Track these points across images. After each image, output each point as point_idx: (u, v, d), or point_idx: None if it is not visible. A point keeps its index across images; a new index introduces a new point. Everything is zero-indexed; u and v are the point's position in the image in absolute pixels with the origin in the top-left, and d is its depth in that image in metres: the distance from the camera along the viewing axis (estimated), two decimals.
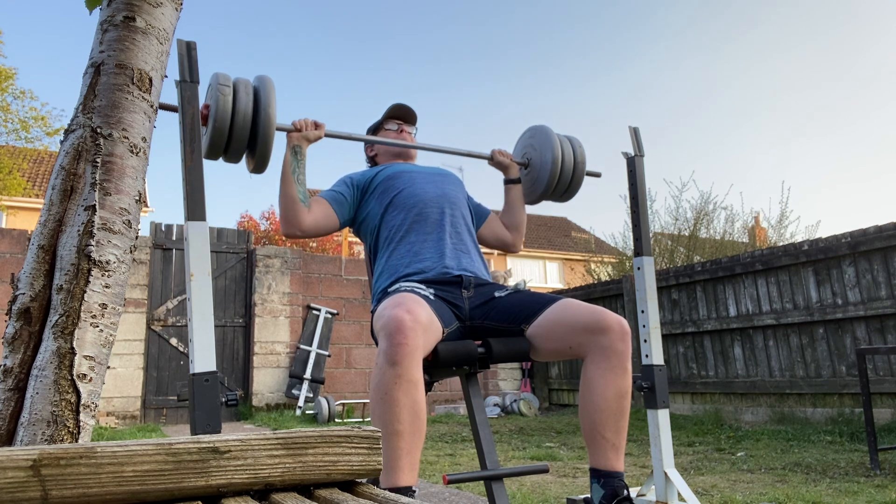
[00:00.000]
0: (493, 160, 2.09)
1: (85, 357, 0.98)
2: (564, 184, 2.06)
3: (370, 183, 1.89)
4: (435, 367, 1.53)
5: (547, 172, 2.02)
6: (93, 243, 1.02)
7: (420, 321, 1.38)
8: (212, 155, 1.63)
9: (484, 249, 2.04)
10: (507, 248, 2.11)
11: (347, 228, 1.99)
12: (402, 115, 2.06)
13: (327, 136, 1.84)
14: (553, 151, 2.00)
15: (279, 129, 1.72)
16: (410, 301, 1.43)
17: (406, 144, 1.98)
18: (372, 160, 2.11)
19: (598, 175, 2.16)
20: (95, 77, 1.11)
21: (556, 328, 1.58)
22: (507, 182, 2.10)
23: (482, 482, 2.16)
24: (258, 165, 1.67)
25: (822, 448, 3.86)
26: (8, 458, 0.51)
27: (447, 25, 41.79)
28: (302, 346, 7.07)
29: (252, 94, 1.61)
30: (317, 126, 1.80)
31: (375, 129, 2.09)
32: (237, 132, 1.58)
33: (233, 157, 1.65)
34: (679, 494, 1.73)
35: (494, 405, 7.10)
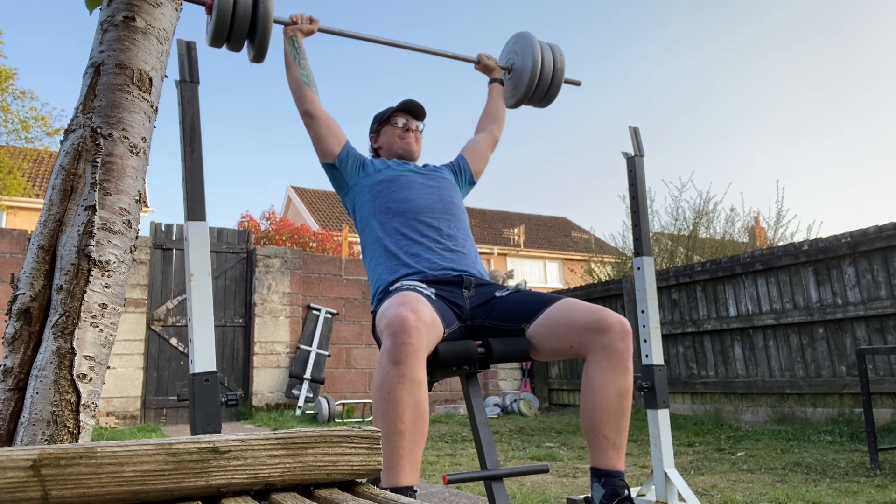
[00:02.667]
0: (480, 63, 2.27)
1: (85, 357, 0.98)
2: (543, 88, 2.20)
3: (369, 176, 1.91)
4: (435, 366, 1.53)
5: (528, 76, 2.16)
6: (93, 243, 1.02)
7: (424, 320, 1.38)
8: (216, 42, 1.79)
9: (482, 250, 2.05)
10: (494, 143, 2.21)
11: (347, 228, 2.01)
12: (411, 109, 2.06)
13: (321, 31, 2.00)
14: (534, 56, 2.15)
15: (276, 21, 1.88)
16: (414, 300, 1.43)
17: (398, 43, 2.11)
18: (375, 152, 2.12)
19: (577, 84, 2.32)
20: (95, 77, 1.11)
21: (556, 328, 1.57)
22: (491, 81, 2.28)
23: (482, 482, 2.16)
24: (258, 54, 1.84)
25: (822, 448, 3.86)
26: (8, 458, 0.51)
27: (446, 26, 41.79)
28: (302, 346, 7.07)
29: None
30: (311, 20, 1.97)
31: (383, 120, 2.09)
32: (238, 21, 1.75)
33: (234, 45, 1.81)
34: (679, 494, 1.73)
35: (494, 405, 7.09)
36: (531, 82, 2.15)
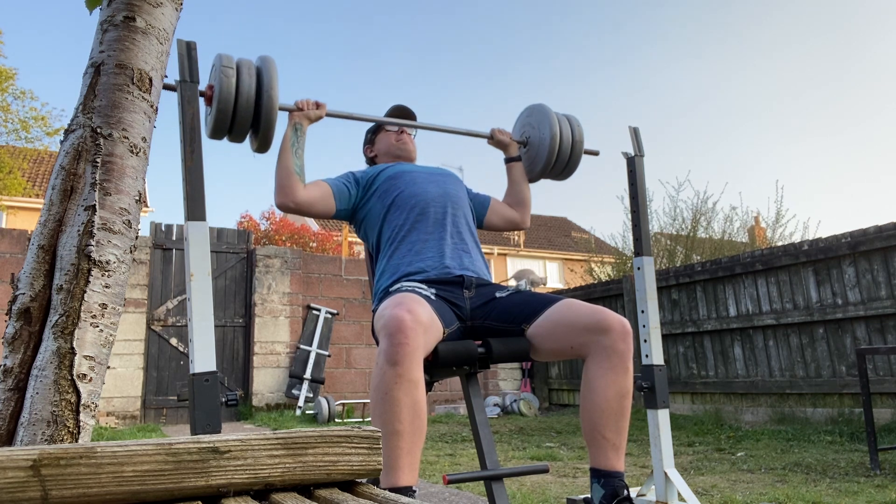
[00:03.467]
0: (493, 139, 2.13)
1: (85, 357, 0.98)
2: (563, 161, 2.08)
3: (372, 182, 1.89)
4: (435, 366, 1.53)
5: (545, 150, 2.04)
6: (93, 243, 1.02)
7: (421, 321, 1.38)
8: (216, 135, 1.66)
9: (483, 249, 2.04)
10: (516, 226, 2.12)
11: (347, 228, 2.00)
12: (402, 116, 2.06)
13: (328, 115, 1.88)
14: (551, 129, 2.03)
15: (282, 108, 1.75)
16: (411, 301, 1.43)
17: (407, 123, 1.99)
18: (371, 161, 2.11)
19: (596, 153, 2.19)
20: (95, 77, 1.11)
21: (556, 328, 1.57)
22: (508, 160, 2.14)
23: (482, 482, 2.16)
24: (261, 145, 1.70)
25: (822, 448, 3.86)
26: (8, 458, 0.51)
27: (445, 26, 41.80)
28: (302, 346, 7.07)
29: (255, 75, 1.63)
30: (318, 106, 1.84)
31: (376, 130, 2.09)
32: (241, 113, 1.61)
33: (237, 137, 1.68)
34: (679, 494, 1.73)
35: (494, 405, 7.09)
36: (550, 157, 2.04)
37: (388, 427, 1.30)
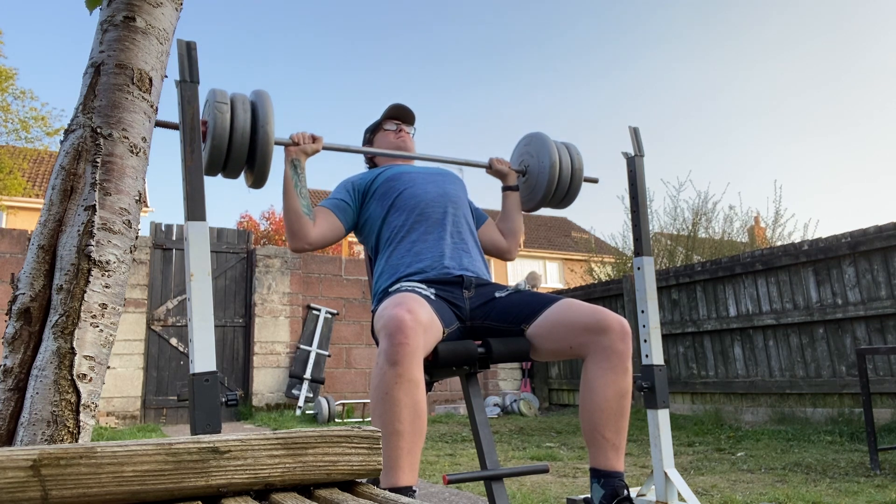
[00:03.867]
0: (492, 168, 2.09)
1: (85, 357, 0.98)
2: (563, 190, 2.06)
3: (371, 185, 1.89)
4: (435, 367, 1.53)
5: (545, 179, 2.02)
6: (93, 243, 1.02)
7: (420, 321, 1.38)
8: (211, 171, 1.62)
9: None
10: (502, 255, 2.10)
11: None
12: (400, 114, 2.06)
13: (325, 149, 1.84)
14: (550, 158, 2.00)
15: (277, 143, 1.72)
16: (411, 301, 1.43)
17: (405, 155, 1.97)
18: (371, 161, 2.11)
19: (595, 181, 2.15)
20: (95, 77, 1.11)
21: (556, 328, 1.57)
22: (505, 189, 2.11)
23: (482, 482, 2.16)
24: (257, 180, 1.67)
25: (822, 448, 3.86)
26: (8, 458, 0.51)
27: (445, 27, 41.80)
28: (302, 346, 7.07)
29: (250, 111, 1.60)
30: (314, 139, 1.81)
31: (374, 130, 2.09)
32: (235, 149, 1.58)
33: (231, 174, 1.65)
34: (679, 494, 1.73)
35: (494, 405, 7.09)
36: (550, 185, 2.01)
37: (388, 427, 1.30)
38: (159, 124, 1.40)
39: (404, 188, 1.84)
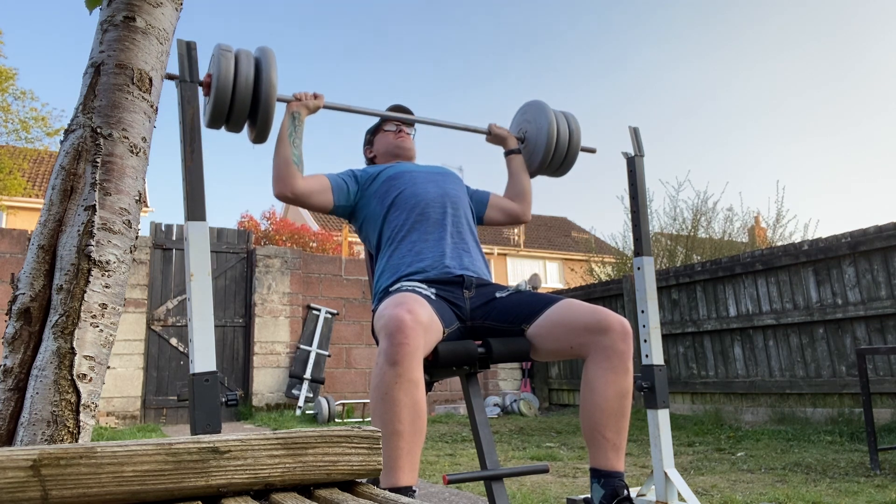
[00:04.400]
0: (491, 134, 2.14)
1: (85, 357, 0.98)
2: (560, 157, 2.09)
3: (372, 182, 1.89)
4: (435, 367, 1.53)
5: (542, 145, 2.05)
6: (93, 243, 1.02)
7: (421, 321, 1.37)
8: (214, 124, 1.65)
9: (483, 249, 2.03)
10: (517, 219, 2.11)
11: (347, 228, 1.99)
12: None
13: (326, 107, 1.88)
14: (548, 124, 2.04)
15: (280, 99, 1.74)
16: (411, 301, 1.43)
17: (405, 118, 2.00)
18: (371, 161, 2.11)
19: (593, 151, 2.19)
20: (95, 77, 1.11)
21: (556, 328, 1.57)
22: (508, 153, 2.14)
23: (482, 482, 2.16)
24: (259, 135, 1.70)
25: (822, 448, 3.86)
26: (8, 458, 0.51)
27: (444, 28, 41.81)
28: (302, 346, 7.07)
29: (254, 64, 1.63)
30: (316, 97, 1.85)
31: (374, 131, 2.09)
32: (239, 101, 1.60)
33: (234, 127, 1.67)
34: (679, 494, 1.73)
35: (494, 405, 7.09)
36: (547, 152, 2.04)
37: (388, 427, 1.30)
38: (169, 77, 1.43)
39: (405, 187, 1.84)
